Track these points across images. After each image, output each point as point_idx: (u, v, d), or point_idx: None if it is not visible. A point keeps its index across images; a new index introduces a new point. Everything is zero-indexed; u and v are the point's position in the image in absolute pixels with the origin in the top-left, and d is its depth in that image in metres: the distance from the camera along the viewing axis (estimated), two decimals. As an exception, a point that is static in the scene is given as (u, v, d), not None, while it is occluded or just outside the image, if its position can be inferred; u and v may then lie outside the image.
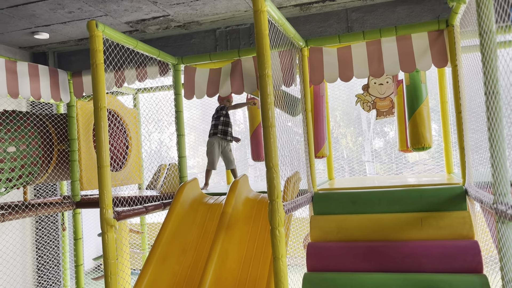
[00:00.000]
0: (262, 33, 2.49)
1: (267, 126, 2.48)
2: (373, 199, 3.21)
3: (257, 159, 4.47)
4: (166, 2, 4.32)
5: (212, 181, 12.56)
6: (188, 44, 5.36)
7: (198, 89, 3.96)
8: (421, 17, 4.69)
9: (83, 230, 4.53)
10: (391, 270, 2.85)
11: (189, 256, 3.26)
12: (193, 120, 6.65)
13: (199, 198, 3.65)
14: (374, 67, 3.44)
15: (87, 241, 6.98)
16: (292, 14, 4.93)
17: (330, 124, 4.74)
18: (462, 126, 3.14)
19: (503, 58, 1.99)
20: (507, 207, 1.96)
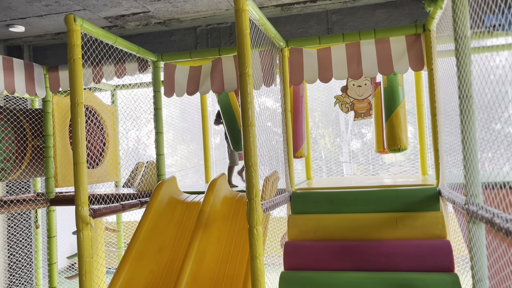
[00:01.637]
0: (243, 32, 2.49)
1: (247, 125, 2.49)
2: (350, 199, 3.25)
3: (236, 158, 4.47)
4: (146, -2, 4.29)
5: (191, 180, 12.47)
6: (168, 42, 5.32)
7: (178, 87, 3.93)
8: (399, 21, 4.78)
9: (57, 228, 4.43)
10: (367, 269, 2.90)
11: (166, 254, 3.24)
12: (172, 118, 6.60)
13: (177, 196, 3.62)
14: (353, 69, 3.49)
15: (62, 239, 6.85)
16: (273, 14, 4.95)
17: (309, 125, 4.78)
18: (437, 129, 3.22)
19: (476, 63, 2.05)
20: (478, 207, 2.02)
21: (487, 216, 1.83)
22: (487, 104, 1.88)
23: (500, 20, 1.82)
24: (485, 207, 1.95)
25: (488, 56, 1.89)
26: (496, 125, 1.88)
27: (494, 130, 1.90)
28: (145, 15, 4.76)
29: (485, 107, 1.94)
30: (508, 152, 1.70)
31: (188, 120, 7.38)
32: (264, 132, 3.49)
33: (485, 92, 1.87)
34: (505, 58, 1.67)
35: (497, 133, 1.84)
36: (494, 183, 1.90)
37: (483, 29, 2.14)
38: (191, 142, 10.18)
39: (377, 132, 4.27)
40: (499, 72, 1.64)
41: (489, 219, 1.80)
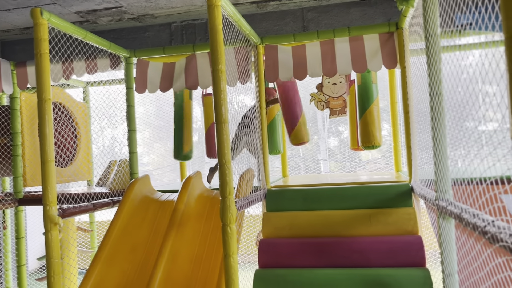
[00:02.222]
0: (216, 28, 2.46)
1: (220, 122, 2.46)
2: (325, 196, 3.27)
3: (211, 156, 4.43)
4: (119, -7, 4.19)
5: (167, 178, 12.35)
6: (142, 38, 5.23)
7: (150, 83, 3.87)
8: (374, 19, 4.82)
9: (27, 228, 4.31)
10: (341, 265, 2.91)
11: (139, 254, 3.18)
12: (148, 116, 6.50)
13: (150, 194, 3.56)
14: (327, 66, 3.50)
15: (32, 240, 6.67)
16: (249, 11, 4.92)
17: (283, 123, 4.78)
18: (410, 126, 3.26)
19: (446, 61, 2.08)
20: (447, 203, 2.05)
21: (456, 212, 1.86)
22: (455, 102, 1.91)
23: (469, 19, 1.84)
24: (454, 203, 1.98)
25: (457, 54, 1.92)
26: (464, 122, 1.90)
27: (462, 127, 1.93)
28: (118, 10, 4.65)
29: (453, 105, 1.97)
30: (475, 149, 1.73)
31: (164, 118, 7.28)
32: (240, 129, 3.47)
33: (453, 90, 1.90)
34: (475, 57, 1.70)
35: (465, 131, 1.87)
36: (462, 179, 1.93)
37: (453, 28, 2.17)
38: (168, 140, 10.06)
39: (351, 129, 4.30)
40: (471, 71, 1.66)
41: (457, 214, 1.83)
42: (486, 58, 1.47)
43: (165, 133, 9.20)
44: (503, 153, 1.42)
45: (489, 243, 1.44)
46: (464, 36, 2.39)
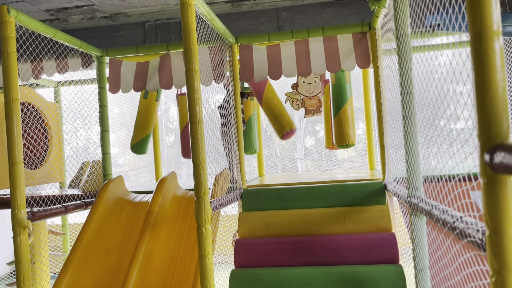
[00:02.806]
0: (189, 27, 2.44)
1: (194, 122, 2.44)
2: (300, 194, 3.28)
3: (186, 156, 4.40)
4: (90, -9, 4.11)
5: (143, 179, 12.11)
6: (115, 37, 5.14)
7: (124, 83, 3.80)
8: (347, 19, 4.87)
9: (-4, 233, 4.17)
10: (316, 264, 2.93)
11: (113, 257, 3.12)
12: (124, 116, 6.39)
13: (124, 196, 3.50)
14: (302, 66, 3.52)
15: (2, 244, 6.47)
16: (223, 11, 4.90)
17: (260, 123, 4.79)
18: (383, 125, 3.31)
19: (417, 61, 2.12)
20: (418, 200, 2.09)
21: (427, 208, 1.89)
22: (425, 101, 1.94)
23: (439, 20, 1.88)
24: (425, 200, 2.02)
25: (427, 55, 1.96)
26: (434, 121, 1.94)
27: (433, 126, 1.97)
28: (90, 9, 4.56)
29: (424, 104, 2.01)
30: (444, 146, 1.76)
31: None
32: (216, 129, 3.45)
33: (424, 90, 1.94)
34: (443, 56, 1.73)
35: (435, 129, 1.91)
36: (433, 176, 1.97)
37: (423, 29, 2.21)
38: (143, 141, 9.93)
39: (326, 128, 4.34)
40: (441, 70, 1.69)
41: (428, 211, 1.86)
42: (453, 58, 1.50)
43: (141, 134, 9.02)
44: (470, 151, 1.45)
45: (458, 239, 1.47)
46: (434, 37, 2.44)
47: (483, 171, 1.11)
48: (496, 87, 1.09)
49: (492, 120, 1.09)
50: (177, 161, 11.19)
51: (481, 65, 1.11)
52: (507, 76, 3.92)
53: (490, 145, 1.09)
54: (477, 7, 1.12)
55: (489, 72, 1.10)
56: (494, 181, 1.09)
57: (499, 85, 1.09)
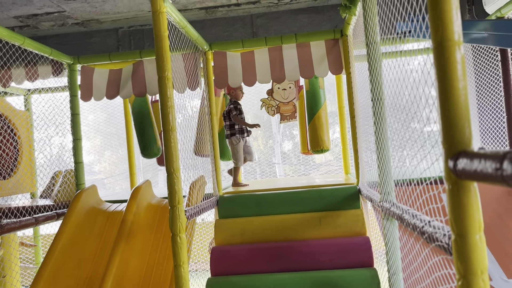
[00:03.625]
0: (161, 35, 2.42)
1: (167, 130, 2.42)
2: (277, 200, 3.29)
3: (161, 164, 4.36)
4: (61, -3, 4.04)
5: (119, 187, 11.90)
6: (87, 43, 5.06)
7: (96, 91, 3.74)
8: (321, 26, 4.94)
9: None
10: (293, 269, 2.94)
11: (86, 268, 3.05)
12: (99, 123, 6.30)
13: (97, 206, 3.44)
14: (276, 72, 3.54)
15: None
16: (198, 17, 4.90)
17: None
18: (356, 130, 3.36)
19: (386, 67, 2.16)
20: (390, 204, 2.12)
21: (398, 213, 1.92)
22: (395, 106, 1.98)
23: (409, 27, 1.92)
24: (396, 204, 2.05)
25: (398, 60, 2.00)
26: (403, 126, 1.98)
27: (401, 131, 2.01)
28: (61, 15, 4.48)
29: (393, 109, 2.05)
30: (413, 151, 1.80)
31: (115, 124, 7.09)
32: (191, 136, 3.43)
33: (393, 95, 1.98)
34: (409, 64, 1.77)
35: (404, 134, 1.95)
36: (403, 180, 2.01)
37: (390, 36, 2.26)
38: (119, 148, 9.79)
39: (301, 134, 4.37)
40: (407, 77, 1.73)
41: (399, 215, 1.89)
42: (419, 66, 1.54)
43: (117, 141, 8.93)
44: (437, 155, 1.48)
45: (427, 243, 1.50)
46: (403, 44, 2.50)
47: (448, 177, 1.14)
48: (458, 96, 1.12)
49: (455, 128, 1.12)
50: (154, 168, 11.05)
51: (443, 74, 1.13)
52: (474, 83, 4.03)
53: (454, 152, 1.11)
54: (438, 18, 1.15)
55: (451, 81, 1.12)
56: (458, 186, 1.11)
57: (461, 94, 1.12)
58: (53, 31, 4.96)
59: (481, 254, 1.10)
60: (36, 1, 4.07)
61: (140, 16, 4.67)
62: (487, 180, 0.92)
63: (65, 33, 5.07)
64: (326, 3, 4.86)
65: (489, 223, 2.78)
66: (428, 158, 1.63)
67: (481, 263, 1.10)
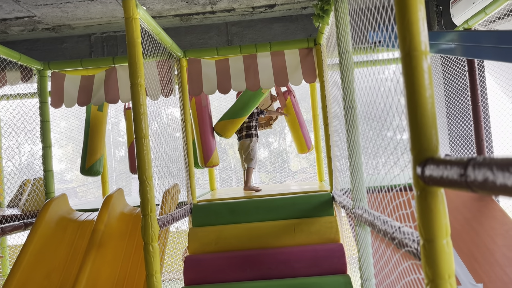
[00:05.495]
0: (134, 41, 2.40)
1: (140, 138, 2.39)
2: (251, 208, 3.29)
3: (134, 172, 4.28)
4: (31, 2, 3.95)
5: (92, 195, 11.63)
6: (59, 49, 4.96)
7: (67, 97, 3.66)
8: (295, 35, 5.00)
9: None
10: (267, 277, 2.93)
11: (55, 279, 2.96)
12: (71, 131, 6.14)
13: (68, 215, 3.35)
14: (251, 80, 3.55)
15: None
16: (172, 24, 4.88)
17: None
18: (329, 137, 3.40)
19: (358, 76, 2.20)
20: (362, 211, 2.15)
21: (370, 219, 1.95)
22: (365, 114, 2.02)
23: (380, 37, 1.96)
24: (368, 210, 2.08)
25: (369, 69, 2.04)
26: (374, 134, 2.02)
27: (372, 138, 2.04)
28: (31, 20, 4.38)
29: (365, 117, 2.09)
30: (383, 158, 1.83)
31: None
32: (164, 143, 3.39)
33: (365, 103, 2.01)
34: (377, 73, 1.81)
35: (375, 141, 1.98)
36: (374, 187, 2.04)
37: (361, 45, 2.30)
38: (92, 156, 9.58)
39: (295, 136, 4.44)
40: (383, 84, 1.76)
41: (371, 222, 1.92)
42: (388, 75, 1.58)
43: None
44: (406, 163, 1.52)
45: (397, 248, 1.52)
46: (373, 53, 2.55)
47: (416, 183, 1.16)
48: (426, 104, 1.15)
49: (423, 135, 1.15)
50: (127, 176, 10.88)
51: (411, 83, 1.16)
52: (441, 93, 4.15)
53: (421, 159, 1.14)
54: (406, 28, 1.18)
55: (418, 90, 1.15)
56: (426, 192, 1.14)
57: (428, 102, 1.15)
58: (23, 36, 4.84)
59: (448, 259, 1.12)
60: (5, 5, 3.97)
61: (114, 22, 4.61)
62: (452, 186, 0.95)
63: (36, 38, 4.96)
64: (301, 13, 4.93)
65: (458, 229, 2.85)
66: (399, 165, 1.66)
67: (448, 267, 1.12)
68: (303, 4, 4.74)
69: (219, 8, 4.55)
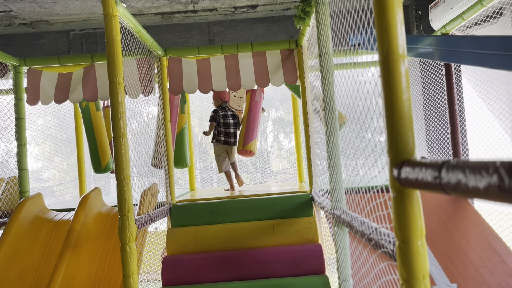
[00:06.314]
0: (113, 39, 2.37)
1: (118, 137, 2.35)
2: (230, 208, 3.28)
3: (113, 171, 4.22)
4: (7, -4, 3.85)
5: (70, 194, 11.42)
6: (36, 45, 4.85)
7: (43, 94, 3.58)
8: (277, 36, 5.01)
9: None
10: (246, 278, 2.93)
11: (29, 281, 2.89)
12: (48, 128, 6.02)
13: (43, 215, 3.28)
14: (232, 80, 3.54)
15: None
16: (154, 22, 4.82)
17: (192, 136, 4.73)
18: (310, 139, 3.41)
19: (336, 78, 2.22)
20: (341, 212, 2.17)
21: (348, 220, 1.97)
22: (346, 115, 2.03)
23: (359, 40, 1.98)
24: (346, 211, 2.10)
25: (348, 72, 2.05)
26: (352, 135, 2.03)
27: (351, 140, 2.06)
28: (7, 15, 4.27)
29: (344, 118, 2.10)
30: (361, 160, 1.85)
31: (66, 130, 6.81)
32: (144, 142, 3.35)
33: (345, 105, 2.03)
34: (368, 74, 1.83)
35: (354, 143, 2.00)
36: (352, 188, 2.06)
37: (345, 47, 2.32)
38: (70, 154, 9.41)
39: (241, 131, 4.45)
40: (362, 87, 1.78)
41: (349, 223, 1.93)
42: (367, 77, 1.59)
43: (68, 147, 8.59)
44: (384, 164, 1.53)
45: (374, 249, 1.54)
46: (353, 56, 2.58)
47: (393, 185, 1.17)
48: (403, 107, 1.16)
49: (399, 137, 1.16)
50: (106, 175, 10.71)
51: (389, 86, 1.17)
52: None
53: (398, 161, 1.15)
54: (384, 32, 1.19)
55: (395, 93, 1.16)
56: (402, 194, 1.15)
57: (405, 105, 1.16)
58: (-2, 31, 4.72)
59: (423, 260, 1.14)
60: (-20, -2, 3.86)
61: (93, 19, 4.54)
62: (427, 188, 0.96)
63: (12, 34, 4.84)
64: (283, 14, 4.94)
65: (434, 230, 2.90)
66: (377, 167, 1.68)
67: (422, 268, 1.14)
68: (285, 6, 4.76)
69: (201, 7, 4.52)
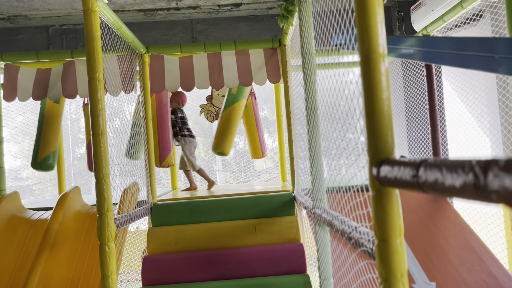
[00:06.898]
0: (92, 35, 2.32)
1: (97, 134, 2.32)
2: (211, 208, 3.26)
3: (92, 170, 4.15)
4: (-16, -11, 3.75)
5: (50, 193, 11.27)
6: (14, 40, 4.74)
7: (21, 91, 3.50)
8: (261, 34, 5.00)
9: None
10: (227, 277, 2.91)
11: (4, 281, 2.82)
12: (28, 126, 5.89)
13: (19, 214, 3.20)
14: (215, 78, 3.52)
15: None
16: (136, 19, 4.77)
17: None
18: (292, 138, 3.42)
19: (319, 78, 2.22)
20: (322, 211, 2.17)
21: (329, 219, 1.97)
22: (327, 115, 2.04)
23: (341, 40, 1.98)
24: (327, 210, 2.10)
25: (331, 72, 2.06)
26: (333, 134, 2.04)
27: (332, 139, 2.06)
28: (-16, 8, 4.17)
29: (326, 118, 2.11)
30: (342, 159, 1.86)
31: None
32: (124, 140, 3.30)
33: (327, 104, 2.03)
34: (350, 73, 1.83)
35: (335, 142, 2.00)
36: (333, 187, 2.07)
37: (329, 47, 2.32)
38: (50, 152, 9.24)
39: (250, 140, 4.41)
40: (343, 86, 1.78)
41: (329, 222, 1.94)
42: (348, 77, 1.59)
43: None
44: (364, 163, 1.54)
45: (354, 248, 1.54)
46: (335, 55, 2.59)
47: (372, 183, 1.18)
48: (382, 106, 1.16)
49: (379, 136, 1.16)
50: (87, 174, 10.55)
51: (369, 85, 1.17)
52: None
53: (377, 160, 1.15)
54: (365, 32, 1.19)
55: (375, 92, 1.16)
56: (381, 193, 1.15)
57: (384, 104, 1.17)
58: (-26, 25, 4.60)
59: (401, 258, 1.14)
60: (-45, -9, 3.76)
61: (73, 15, 4.46)
62: (406, 187, 0.96)
63: (-11, 28, 4.72)
64: (267, 13, 4.94)
65: (413, 229, 2.94)
66: (357, 166, 1.68)
67: (401, 266, 1.14)
68: (269, 4, 4.75)
69: (184, 4, 4.49)
